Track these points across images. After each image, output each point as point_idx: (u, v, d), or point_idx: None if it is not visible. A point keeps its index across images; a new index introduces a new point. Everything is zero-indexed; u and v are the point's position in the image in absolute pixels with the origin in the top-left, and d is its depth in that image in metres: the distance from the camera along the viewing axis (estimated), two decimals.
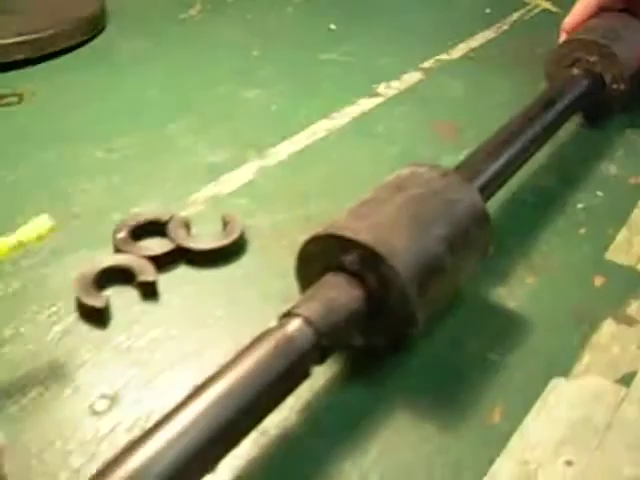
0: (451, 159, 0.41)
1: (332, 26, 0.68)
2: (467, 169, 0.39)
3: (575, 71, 0.51)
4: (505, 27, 0.69)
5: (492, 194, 0.40)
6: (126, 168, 0.48)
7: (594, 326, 0.37)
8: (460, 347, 0.35)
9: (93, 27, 0.65)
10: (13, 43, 0.58)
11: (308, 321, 0.30)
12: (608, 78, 0.51)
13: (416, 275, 0.32)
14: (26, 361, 0.34)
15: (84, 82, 0.58)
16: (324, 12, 0.71)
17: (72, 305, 0.37)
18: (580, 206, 0.45)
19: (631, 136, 0.53)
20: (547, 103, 0.47)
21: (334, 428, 0.31)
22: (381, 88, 0.57)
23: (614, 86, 0.51)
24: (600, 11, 0.56)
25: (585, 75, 0.51)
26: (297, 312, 0.31)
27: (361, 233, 0.32)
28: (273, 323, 0.30)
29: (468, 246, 0.34)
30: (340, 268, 0.33)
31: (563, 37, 0.57)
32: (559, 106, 0.47)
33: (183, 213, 0.43)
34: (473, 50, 0.64)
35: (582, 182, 0.48)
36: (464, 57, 0.63)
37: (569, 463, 0.30)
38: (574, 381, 0.34)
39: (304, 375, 0.30)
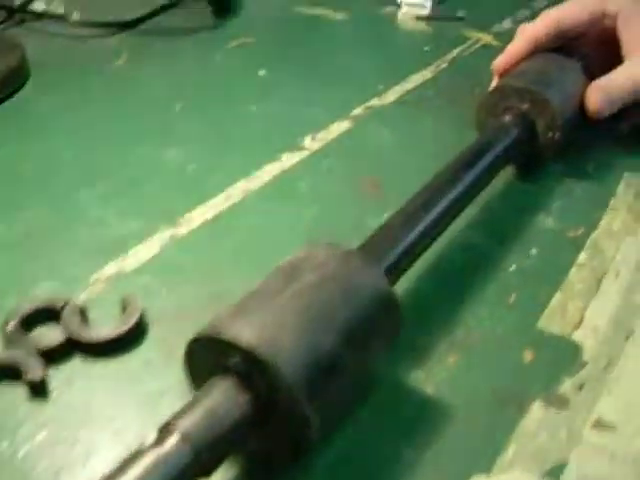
0: (376, 221, 0.38)
1: (262, 72, 0.65)
2: (373, 246, 0.36)
3: (506, 120, 0.48)
4: (444, 65, 0.67)
5: (405, 270, 0.37)
6: (28, 244, 0.44)
7: (521, 410, 0.34)
8: (370, 443, 0.32)
9: (10, 83, 0.62)
10: None
11: (186, 437, 0.27)
12: (541, 126, 0.48)
13: (306, 377, 0.28)
14: None
15: None
16: (254, 58, 0.68)
17: None
18: (512, 268, 0.42)
19: (569, 185, 0.50)
20: (474, 157, 0.44)
21: None
22: (307, 141, 0.54)
23: (548, 134, 0.49)
24: (535, 50, 0.54)
25: (516, 124, 0.48)
26: (174, 426, 0.27)
27: (243, 334, 0.28)
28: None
29: (372, 337, 0.31)
30: (227, 370, 0.29)
31: (495, 79, 0.55)
32: (486, 160, 0.44)
33: (83, 295, 0.40)
34: (408, 93, 0.61)
35: (516, 239, 0.45)
36: (397, 102, 0.60)
37: None
38: (496, 478, 0.31)
39: None
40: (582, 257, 0.43)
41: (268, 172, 0.50)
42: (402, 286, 0.38)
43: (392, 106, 0.59)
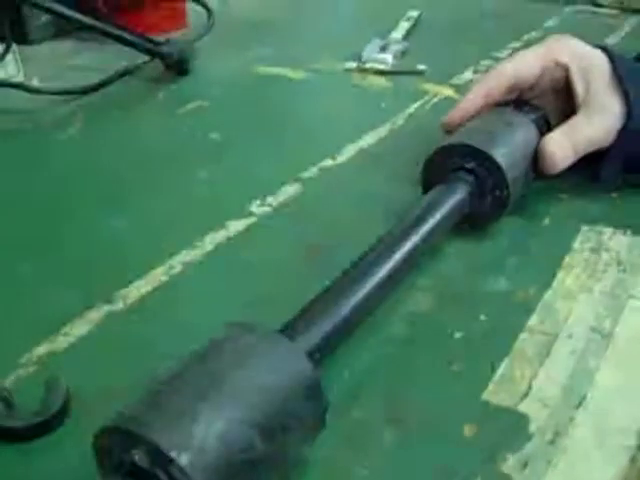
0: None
1: (214, 135, 0.63)
2: (298, 327, 0.34)
3: (452, 179, 0.47)
4: (400, 122, 0.66)
5: (335, 348, 0.35)
6: None
7: None
8: None
9: None
10: None
11: None
12: (489, 185, 0.47)
13: (218, 474, 0.26)
14: None
15: None
16: (208, 121, 0.67)
17: None
18: (458, 335, 0.40)
19: (524, 240, 0.48)
20: (419, 219, 0.43)
21: None
22: (254, 206, 0.52)
23: (496, 193, 0.47)
24: (487, 104, 0.53)
25: (464, 183, 0.46)
26: None
27: (151, 426, 0.26)
28: None
29: (292, 427, 0.29)
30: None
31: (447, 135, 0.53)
32: (433, 221, 0.43)
33: (12, 376, 0.38)
34: (362, 152, 0.60)
35: (464, 304, 0.43)
36: (350, 162, 0.59)
37: None
38: None
39: None
40: (533, 320, 0.41)
41: (212, 241, 0.48)
42: (335, 357, 0.37)
43: (345, 167, 0.58)
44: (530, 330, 0.41)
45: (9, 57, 0.77)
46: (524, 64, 0.53)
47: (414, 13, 0.90)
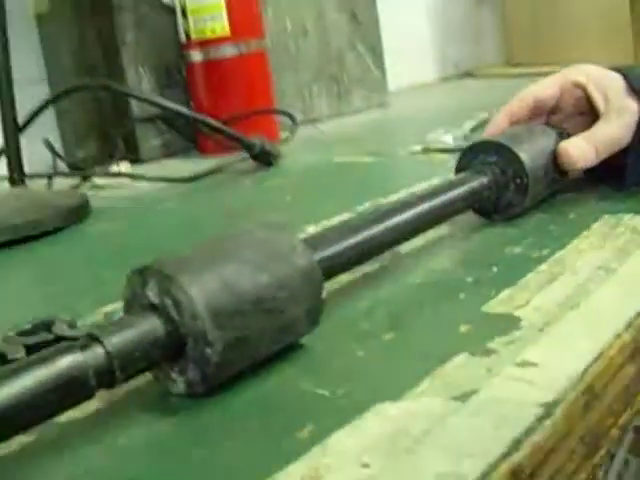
0: None
1: (289, 197, 0.71)
2: (317, 237, 0.40)
3: (477, 169, 0.52)
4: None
5: (341, 269, 0.40)
6: None
7: (443, 360, 0.34)
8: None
9: (71, 217, 0.71)
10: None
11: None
12: (510, 174, 0.52)
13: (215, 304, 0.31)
14: None
15: None
16: (287, 189, 0.75)
17: None
18: (469, 279, 0.44)
19: (547, 227, 0.52)
20: (436, 192, 0.48)
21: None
22: None
23: (517, 180, 0.52)
24: (512, 122, 0.58)
25: (485, 172, 0.51)
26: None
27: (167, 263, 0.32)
28: None
29: (284, 303, 0.34)
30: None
31: None
32: (447, 196, 0.48)
33: None
34: None
35: (481, 261, 0.46)
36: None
37: (366, 466, 0.27)
38: (402, 404, 0.31)
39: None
40: (543, 266, 0.44)
41: None
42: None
43: None
44: (538, 272, 0.43)
45: (124, 164, 0.90)
46: (542, 87, 0.59)
47: (483, 114, 0.98)
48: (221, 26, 1.02)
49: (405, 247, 0.48)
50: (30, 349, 0.33)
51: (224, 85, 1.03)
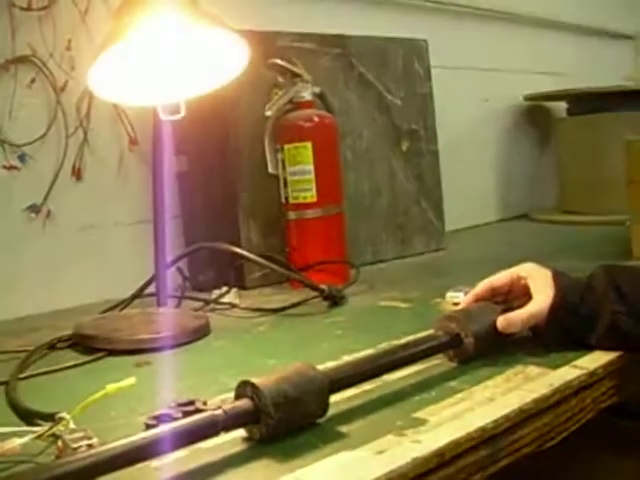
0: None
1: (339, 332, 1.08)
2: (331, 369, 0.76)
3: (439, 332, 0.87)
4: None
5: (345, 386, 0.76)
6: None
7: None
8: None
9: (197, 334, 1.10)
10: (146, 339, 1.04)
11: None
12: (463, 334, 0.86)
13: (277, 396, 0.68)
14: None
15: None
16: (341, 322, 1.12)
17: None
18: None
19: (481, 367, 0.85)
20: (411, 345, 0.84)
21: None
22: None
23: (468, 339, 0.86)
24: (477, 300, 0.93)
25: (445, 333, 0.86)
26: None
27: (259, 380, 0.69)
28: None
29: (305, 400, 0.70)
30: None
31: None
32: (417, 348, 0.84)
33: None
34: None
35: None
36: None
37: None
38: None
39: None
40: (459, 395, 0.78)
41: None
42: None
43: None
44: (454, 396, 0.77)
45: (233, 290, 1.29)
46: (497, 278, 0.94)
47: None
48: (311, 195, 1.41)
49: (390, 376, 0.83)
50: (184, 413, 0.70)
51: (309, 239, 1.42)
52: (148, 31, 1.00)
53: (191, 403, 0.74)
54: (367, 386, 0.80)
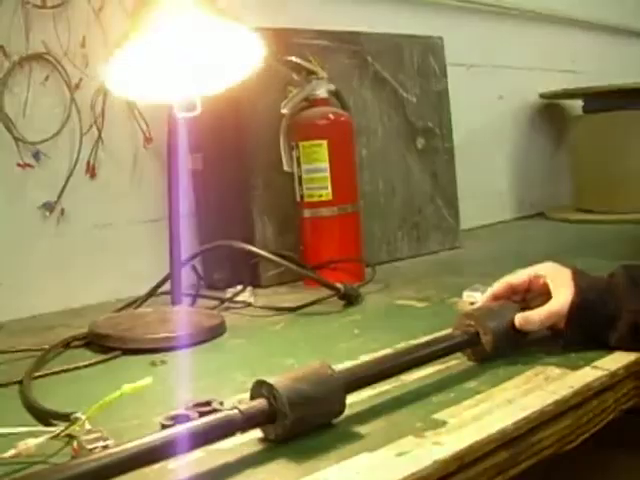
0: None
1: (356, 331, 1.07)
2: (346, 369, 0.75)
3: (458, 330, 0.86)
4: None
5: (361, 386, 0.75)
6: None
7: None
8: None
9: (213, 333, 1.09)
10: (161, 338, 1.03)
11: None
12: (481, 333, 0.85)
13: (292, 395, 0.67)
14: None
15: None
16: (358, 320, 1.11)
17: None
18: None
19: (500, 366, 0.84)
20: (428, 344, 0.82)
21: None
22: None
23: (486, 337, 0.85)
24: (495, 299, 0.92)
25: (464, 331, 0.85)
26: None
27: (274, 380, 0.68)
28: None
29: (326, 398, 0.69)
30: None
31: None
32: (434, 347, 0.82)
33: None
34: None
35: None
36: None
37: None
38: None
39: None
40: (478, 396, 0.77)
41: None
42: None
43: None
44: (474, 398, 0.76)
45: (248, 289, 1.29)
46: (516, 275, 0.93)
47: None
48: (326, 193, 1.40)
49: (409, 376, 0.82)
50: (200, 413, 0.69)
51: (325, 237, 1.41)
52: (164, 29, 1.00)
53: (208, 403, 0.73)
54: (385, 386, 0.79)
